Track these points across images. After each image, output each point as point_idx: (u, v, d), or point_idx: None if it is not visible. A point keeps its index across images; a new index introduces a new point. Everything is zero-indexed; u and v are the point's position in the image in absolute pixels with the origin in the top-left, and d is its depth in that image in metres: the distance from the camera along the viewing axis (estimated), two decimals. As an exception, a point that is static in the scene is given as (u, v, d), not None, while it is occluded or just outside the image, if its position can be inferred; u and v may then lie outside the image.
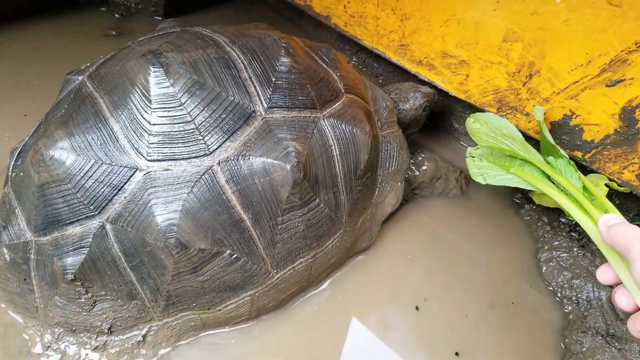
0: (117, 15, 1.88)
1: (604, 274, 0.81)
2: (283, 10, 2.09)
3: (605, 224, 0.79)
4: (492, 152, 1.22)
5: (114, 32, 1.75)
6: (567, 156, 1.11)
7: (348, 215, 1.10)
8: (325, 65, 1.12)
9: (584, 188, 1.03)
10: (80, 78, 0.98)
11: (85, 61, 1.05)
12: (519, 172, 1.12)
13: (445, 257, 1.28)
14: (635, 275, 0.68)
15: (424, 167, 1.34)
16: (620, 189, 1.13)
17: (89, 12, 1.86)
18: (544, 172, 1.10)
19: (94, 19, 1.84)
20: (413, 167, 1.34)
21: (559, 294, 1.20)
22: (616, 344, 1.06)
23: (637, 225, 0.76)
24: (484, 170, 1.18)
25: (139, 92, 0.85)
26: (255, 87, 0.93)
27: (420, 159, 1.35)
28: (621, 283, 0.78)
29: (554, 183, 1.08)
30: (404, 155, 1.25)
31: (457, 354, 1.08)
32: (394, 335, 1.12)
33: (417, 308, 1.16)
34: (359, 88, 1.20)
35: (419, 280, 1.22)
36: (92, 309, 0.92)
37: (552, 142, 1.14)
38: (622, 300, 0.76)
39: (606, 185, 1.11)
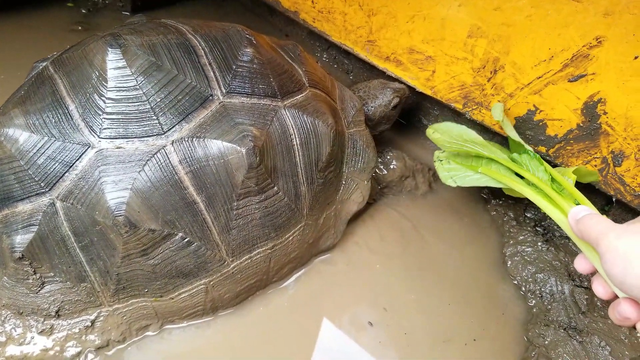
0: (83, 11, 1.99)
1: (581, 264, 0.87)
2: (254, 6, 2.21)
3: (574, 217, 0.85)
4: (459, 153, 1.29)
5: (80, 27, 1.86)
6: (532, 150, 1.18)
7: (309, 208, 1.17)
8: (290, 60, 1.21)
9: (552, 180, 1.09)
10: (45, 64, 1.07)
11: (48, 55, 1.13)
12: (487, 170, 1.19)
13: (413, 254, 1.35)
14: (606, 270, 0.73)
15: (392, 166, 1.42)
16: (586, 179, 1.20)
17: (55, 7, 1.96)
18: (511, 169, 1.17)
19: (60, 14, 1.94)
20: (381, 166, 1.42)
21: (523, 288, 1.28)
22: (577, 337, 1.12)
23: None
24: (453, 173, 1.25)
25: (96, 72, 0.93)
26: (214, 72, 1.02)
27: (388, 157, 1.43)
28: (597, 272, 0.84)
29: (522, 178, 1.15)
30: (370, 154, 1.33)
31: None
32: (365, 335, 1.17)
33: (385, 309, 1.22)
34: (324, 85, 1.29)
35: (388, 279, 1.29)
36: (40, 290, 0.98)
37: (517, 138, 1.21)
38: (599, 289, 0.82)
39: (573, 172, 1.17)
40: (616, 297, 0.80)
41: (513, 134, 1.22)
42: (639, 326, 0.76)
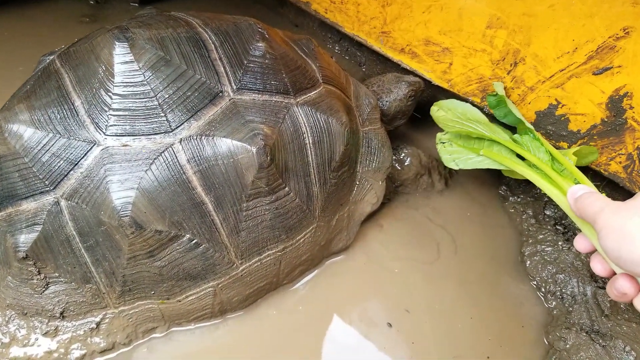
0: (91, 2, 2.01)
1: (580, 243, 0.91)
2: (263, -4, 2.22)
3: (572, 195, 0.89)
4: (461, 136, 1.30)
5: (88, 19, 1.88)
6: (533, 128, 1.19)
7: (321, 209, 1.15)
8: (304, 55, 1.20)
9: (553, 160, 1.11)
10: (51, 58, 1.07)
11: (56, 48, 1.14)
12: (488, 153, 1.20)
13: (427, 255, 1.34)
14: (602, 245, 0.77)
15: (407, 164, 1.40)
16: (587, 159, 1.20)
17: (63, -1, 2.00)
18: (513, 151, 1.18)
19: (68, 5, 1.97)
20: (396, 164, 1.41)
21: (543, 289, 1.26)
22: (601, 340, 1.10)
23: None
24: (455, 155, 1.26)
25: (103, 66, 0.92)
26: (225, 67, 1.00)
27: (403, 155, 1.41)
28: (596, 250, 0.87)
29: (523, 160, 1.16)
30: (385, 153, 1.31)
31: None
32: (376, 334, 1.16)
33: (407, 311, 1.21)
34: (339, 81, 1.27)
35: (402, 282, 1.27)
36: (44, 291, 0.97)
37: (518, 115, 1.22)
38: (597, 266, 0.87)
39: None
40: (614, 273, 0.84)
41: (515, 111, 1.23)
42: (636, 302, 0.80)
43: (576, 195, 0.88)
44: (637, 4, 1.02)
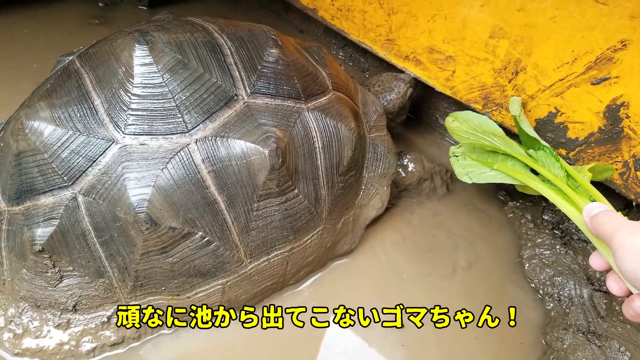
0: (100, 4, 2.05)
1: (595, 261, 0.90)
2: (269, 3, 2.25)
3: (588, 214, 0.88)
4: (475, 149, 1.33)
5: (97, 21, 1.92)
6: (548, 145, 1.21)
7: (328, 212, 1.19)
8: (314, 62, 1.24)
9: (568, 176, 1.12)
10: (71, 58, 1.11)
11: (64, 51, 1.17)
12: (502, 167, 1.23)
13: (429, 257, 1.38)
14: (618, 265, 0.76)
15: (410, 169, 1.44)
16: (602, 175, 1.22)
17: (71, 1, 2.02)
18: (527, 165, 1.21)
19: (76, 8, 2.00)
20: (400, 170, 1.44)
21: (541, 291, 1.30)
22: (597, 341, 1.14)
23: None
24: (469, 169, 1.28)
25: (123, 68, 0.96)
26: (239, 72, 1.04)
27: (406, 161, 1.45)
28: (612, 269, 0.87)
29: (538, 175, 1.18)
30: (391, 160, 1.35)
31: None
32: (376, 337, 1.19)
33: (407, 311, 1.23)
34: (348, 88, 1.31)
35: (403, 284, 1.30)
36: (58, 284, 1.00)
37: (532, 134, 1.24)
38: (613, 286, 0.85)
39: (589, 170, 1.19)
40: (631, 293, 0.83)
41: (529, 130, 1.25)
42: None
43: (592, 214, 0.87)
44: (634, 18, 1.06)
